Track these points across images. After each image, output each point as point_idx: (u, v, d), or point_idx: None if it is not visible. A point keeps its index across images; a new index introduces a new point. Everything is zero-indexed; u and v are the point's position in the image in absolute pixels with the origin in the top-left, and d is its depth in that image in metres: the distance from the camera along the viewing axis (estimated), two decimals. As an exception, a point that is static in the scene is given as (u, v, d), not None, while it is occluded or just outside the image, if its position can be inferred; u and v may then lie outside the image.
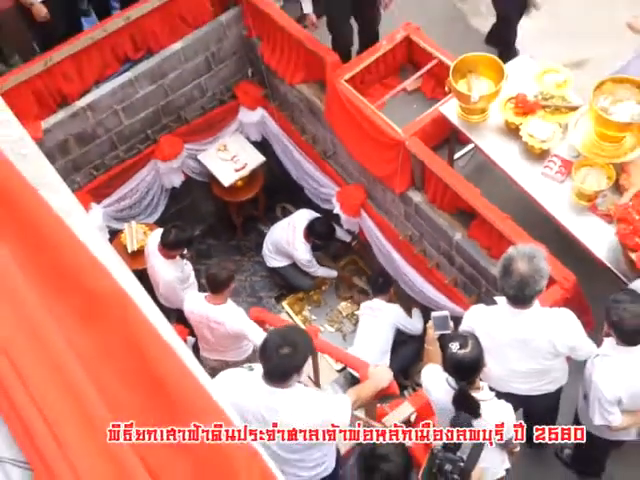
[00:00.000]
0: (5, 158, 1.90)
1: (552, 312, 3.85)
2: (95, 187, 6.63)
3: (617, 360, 3.68)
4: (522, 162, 4.85)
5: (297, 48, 6.13)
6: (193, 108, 6.90)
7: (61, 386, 1.40)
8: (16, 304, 1.31)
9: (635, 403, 3.78)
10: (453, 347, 3.41)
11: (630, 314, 3.53)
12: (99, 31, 6.15)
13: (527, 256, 3.59)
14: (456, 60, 5.03)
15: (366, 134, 5.67)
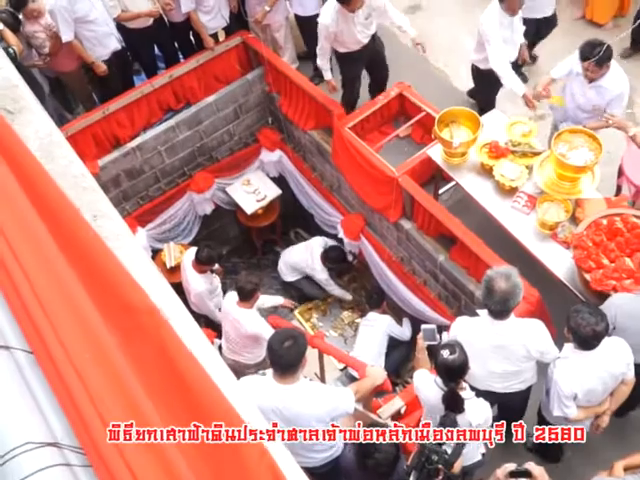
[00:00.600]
0: (62, 192, 1.89)
1: (525, 322, 3.83)
2: (141, 214, 6.65)
3: (574, 362, 3.67)
4: (495, 197, 4.85)
5: (309, 101, 6.16)
6: (223, 149, 6.92)
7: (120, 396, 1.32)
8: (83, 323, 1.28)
9: (588, 399, 3.76)
10: (444, 353, 3.41)
11: (586, 322, 3.52)
12: (148, 86, 6.22)
13: (505, 275, 3.57)
14: (440, 112, 5.05)
15: (365, 172, 5.68)
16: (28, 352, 0.95)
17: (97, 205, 2.37)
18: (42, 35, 5.87)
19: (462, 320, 3.96)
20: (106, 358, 1.06)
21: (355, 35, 5.66)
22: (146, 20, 6.18)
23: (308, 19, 6.47)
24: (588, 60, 4.66)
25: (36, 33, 5.86)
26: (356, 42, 5.76)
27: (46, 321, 0.92)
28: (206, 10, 6.18)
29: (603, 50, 4.57)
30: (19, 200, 1.19)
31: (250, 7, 6.47)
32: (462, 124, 5.02)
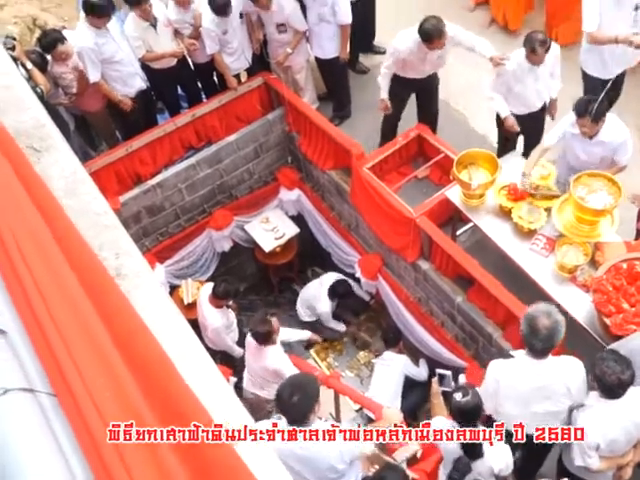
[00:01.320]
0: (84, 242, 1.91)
1: (564, 359, 3.75)
2: (160, 250, 6.70)
3: (598, 410, 3.59)
4: (513, 239, 4.84)
5: (328, 141, 6.22)
6: (242, 187, 6.99)
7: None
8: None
9: (611, 449, 3.66)
10: (457, 396, 3.39)
11: (612, 370, 3.45)
12: (170, 125, 6.32)
13: (546, 312, 3.54)
14: (459, 154, 5.07)
15: (384, 212, 5.70)
16: (52, 395, 0.97)
17: (119, 243, 2.40)
18: (70, 76, 6.00)
19: (499, 363, 3.88)
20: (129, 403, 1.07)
21: (423, 67, 5.74)
22: (170, 60, 6.30)
23: (328, 61, 6.59)
24: (584, 117, 4.57)
25: (64, 74, 5.99)
26: (420, 73, 5.81)
27: (71, 364, 0.93)
28: (230, 52, 6.31)
29: (597, 105, 4.50)
30: (47, 244, 1.21)
31: (272, 49, 6.60)
32: (481, 166, 5.04)
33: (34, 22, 7.78)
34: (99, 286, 1.36)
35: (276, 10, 6.11)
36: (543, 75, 5.35)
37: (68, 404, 0.96)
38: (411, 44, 5.46)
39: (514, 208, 4.81)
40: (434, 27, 5.23)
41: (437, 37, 5.25)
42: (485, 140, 6.50)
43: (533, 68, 5.23)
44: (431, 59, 5.62)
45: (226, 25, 6.07)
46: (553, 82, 5.46)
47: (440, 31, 5.25)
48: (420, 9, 5.86)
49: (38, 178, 1.81)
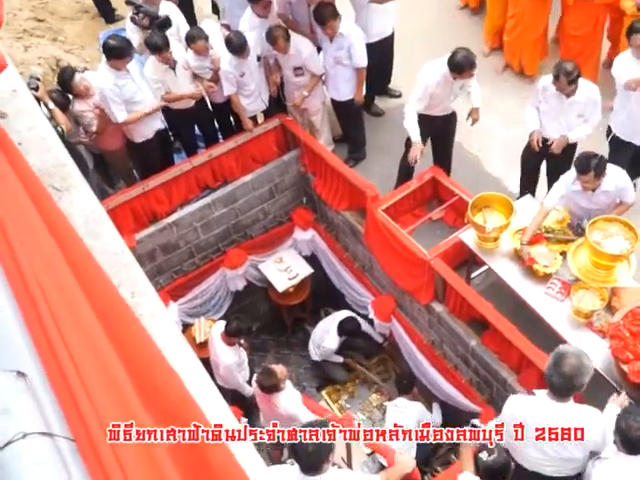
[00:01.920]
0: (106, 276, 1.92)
1: (585, 408, 3.67)
2: (174, 288, 6.71)
3: (616, 464, 3.48)
4: (528, 282, 4.82)
5: (343, 182, 6.26)
6: (257, 227, 7.02)
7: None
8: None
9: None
10: (483, 456, 3.33)
11: (638, 425, 3.35)
12: (187, 164, 6.40)
13: (576, 353, 3.50)
14: (474, 197, 5.09)
15: (398, 254, 5.70)
16: (70, 439, 0.96)
17: (135, 282, 2.43)
18: (90, 114, 6.12)
19: (517, 399, 3.82)
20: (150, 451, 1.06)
21: (447, 101, 5.83)
22: (188, 101, 6.40)
23: (344, 103, 6.68)
24: (587, 174, 4.58)
25: (84, 112, 6.11)
26: (443, 109, 5.91)
27: (90, 408, 0.93)
28: (247, 94, 6.41)
29: (599, 160, 4.55)
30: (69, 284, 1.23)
31: (289, 92, 6.70)
32: (495, 209, 5.04)
33: (57, 63, 7.96)
34: (122, 330, 1.37)
35: (293, 53, 6.22)
36: (570, 108, 5.37)
37: (86, 449, 0.96)
38: (439, 77, 5.58)
39: (529, 252, 4.80)
40: (465, 58, 5.40)
41: (468, 67, 5.44)
42: (499, 183, 6.53)
43: (561, 96, 5.29)
44: (455, 91, 5.75)
45: (244, 67, 6.18)
46: (579, 121, 5.42)
47: (471, 62, 5.44)
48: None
49: (62, 216, 1.83)
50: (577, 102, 5.29)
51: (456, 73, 5.47)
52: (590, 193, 4.82)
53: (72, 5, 9.36)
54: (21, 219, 1.35)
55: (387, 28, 6.83)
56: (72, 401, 0.96)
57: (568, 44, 7.25)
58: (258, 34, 6.23)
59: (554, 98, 5.35)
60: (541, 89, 5.45)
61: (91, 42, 8.80)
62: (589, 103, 5.31)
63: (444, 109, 5.93)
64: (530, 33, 7.36)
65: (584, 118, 5.39)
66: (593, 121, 5.42)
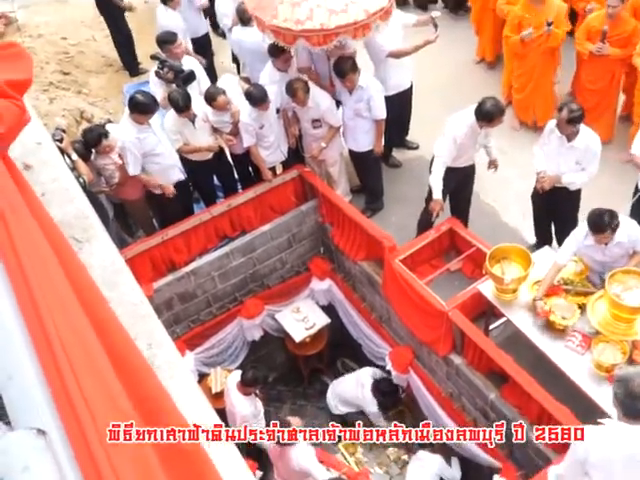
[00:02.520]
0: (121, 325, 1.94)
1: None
2: (190, 337, 6.70)
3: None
4: (547, 335, 4.77)
5: (361, 233, 6.28)
6: (274, 277, 7.04)
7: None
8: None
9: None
10: None
11: None
12: (206, 214, 6.48)
13: (638, 372, 3.42)
14: (492, 249, 5.08)
15: (416, 305, 5.67)
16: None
17: (153, 333, 2.43)
18: (112, 167, 6.24)
19: (589, 430, 3.58)
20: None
21: (472, 151, 5.90)
22: (206, 153, 6.53)
23: (362, 154, 6.76)
24: (604, 232, 4.60)
25: (107, 165, 6.23)
26: (467, 159, 5.96)
27: (110, 470, 0.93)
28: (266, 145, 6.51)
29: (612, 217, 4.56)
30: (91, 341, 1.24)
31: (307, 144, 6.79)
32: (513, 260, 5.03)
33: (81, 115, 8.17)
34: (139, 383, 1.37)
35: (312, 106, 6.33)
36: (568, 153, 5.46)
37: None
38: (466, 128, 5.64)
39: (548, 304, 4.76)
40: (495, 106, 5.46)
41: (499, 115, 5.50)
42: (517, 234, 6.52)
43: (562, 139, 5.39)
44: (480, 140, 5.83)
45: (263, 120, 6.30)
46: (576, 168, 5.52)
47: (502, 109, 5.52)
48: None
49: (83, 269, 1.86)
50: (576, 148, 5.40)
51: (486, 122, 5.52)
52: (603, 246, 4.81)
53: (97, 59, 9.65)
54: (43, 271, 1.37)
55: (405, 81, 6.96)
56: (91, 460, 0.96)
57: (584, 97, 7.30)
58: (278, 87, 6.37)
59: (556, 140, 5.48)
60: (548, 131, 5.57)
61: (115, 94, 9.04)
62: (588, 152, 5.40)
63: (468, 159, 5.98)
64: (542, 87, 7.49)
65: (582, 166, 5.48)
66: (590, 171, 5.49)
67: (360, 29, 5.68)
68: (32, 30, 9.77)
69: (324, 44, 5.73)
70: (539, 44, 7.07)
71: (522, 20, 7.06)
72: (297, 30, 5.63)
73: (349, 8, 5.59)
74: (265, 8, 5.85)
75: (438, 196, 5.78)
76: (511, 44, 7.27)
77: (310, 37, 5.66)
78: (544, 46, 7.11)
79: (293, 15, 5.63)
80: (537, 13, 7.00)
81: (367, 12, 5.63)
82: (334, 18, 5.56)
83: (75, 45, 9.66)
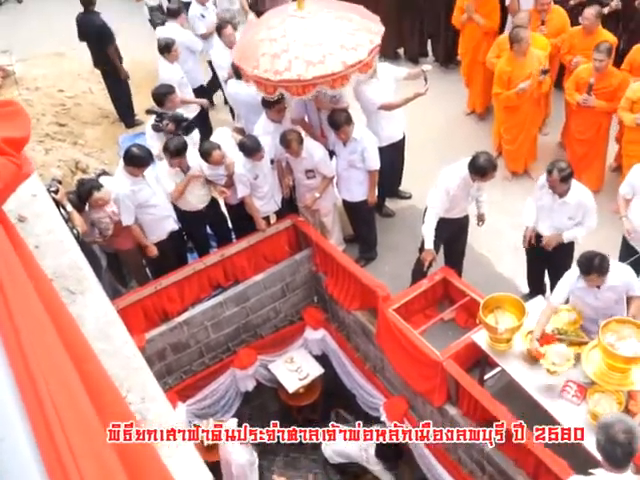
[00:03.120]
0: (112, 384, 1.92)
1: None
2: (182, 388, 6.62)
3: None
4: (543, 385, 4.74)
5: (354, 282, 6.27)
6: (268, 326, 6.99)
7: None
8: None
9: None
10: None
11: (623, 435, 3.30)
12: (199, 264, 6.47)
13: (619, 419, 3.43)
14: (485, 298, 5.08)
15: (410, 355, 5.63)
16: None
17: (145, 387, 2.41)
18: (106, 220, 6.24)
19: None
20: None
21: (464, 203, 5.97)
22: (200, 203, 6.58)
23: (356, 205, 6.81)
24: (590, 274, 4.68)
25: (101, 218, 6.23)
26: (460, 210, 6.02)
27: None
28: (260, 196, 6.56)
29: (602, 259, 4.63)
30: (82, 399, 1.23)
31: (300, 194, 6.85)
32: (507, 310, 5.03)
33: (76, 165, 8.23)
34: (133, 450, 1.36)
35: (306, 157, 6.41)
36: (561, 209, 5.54)
37: None
38: (459, 180, 5.71)
39: (542, 353, 4.74)
40: (488, 161, 5.55)
41: (491, 170, 5.58)
42: (510, 284, 6.54)
43: (554, 195, 5.47)
44: (473, 193, 5.90)
45: (257, 170, 6.37)
46: (570, 223, 5.58)
47: (494, 165, 5.60)
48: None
49: (74, 324, 1.86)
50: (568, 204, 5.48)
51: (479, 176, 5.61)
52: (596, 290, 4.85)
53: (94, 111, 9.78)
54: (36, 331, 1.37)
55: (397, 133, 7.07)
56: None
57: (573, 147, 7.47)
58: (272, 138, 6.46)
59: (548, 196, 5.56)
60: (539, 186, 5.65)
61: (110, 145, 9.14)
62: (580, 207, 5.49)
63: (461, 211, 6.06)
64: (532, 136, 7.63)
65: (575, 221, 5.56)
66: (588, 225, 5.57)
67: (338, 80, 5.83)
68: (29, 83, 9.92)
69: (303, 94, 5.90)
70: (531, 93, 7.22)
71: (511, 75, 7.21)
72: (276, 80, 5.80)
73: (326, 60, 5.74)
74: (248, 59, 6.04)
75: (430, 246, 5.83)
76: (504, 99, 7.39)
77: (289, 87, 5.84)
78: (536, 94, 7.27)
79: (273, 66, 5.81)
80: (521, 66, 7.18)
81: (345, 64, 5.78)
82: (311, 69, 5.71)
83: (72, 97, 9.80)
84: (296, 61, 5.75)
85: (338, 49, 5.82)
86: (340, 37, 5.90)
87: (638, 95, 6.48)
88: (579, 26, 7.44)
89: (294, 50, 5.79)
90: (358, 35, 6.01)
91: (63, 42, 11.05)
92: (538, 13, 7.77)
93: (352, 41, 5.92)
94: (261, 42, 6.02)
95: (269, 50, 5.89)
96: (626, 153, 7.04)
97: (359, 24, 6.15)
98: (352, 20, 6.15)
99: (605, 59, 6.67)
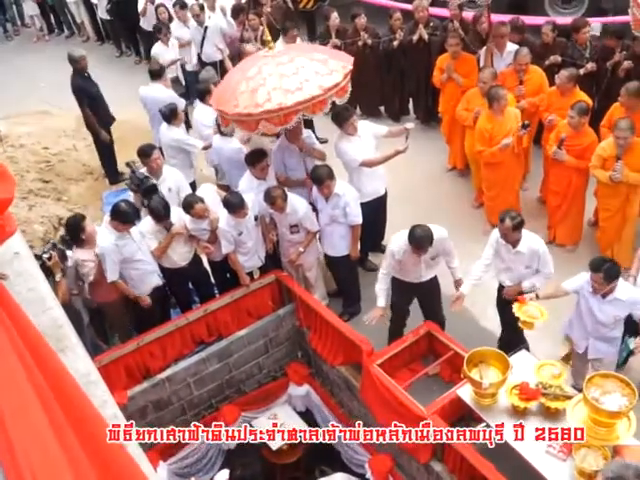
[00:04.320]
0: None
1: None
2: (164, 446, 6.46)
3: None
4: (528, 440, 4.67)
5: (338, 337, 6.23)
6: (251, 382, 6.89)
7: None
8: None
9: None
10: None
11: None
12: (182, 320, 6.41)
13: (625, 465, 3.43)
14: (469, 353, 5.07)
15: (394, 410, 5.56)
16: None
17: (127, 448, 2.36)
18: (90, 264, 6.21)
19: None
20: None
21: (417, 269, 5.98)
22: (183, 260, 6.59)
23: (339, 259, 6.83)
24: (597, 273, 4.96)
25: (85, 262, 6.20)
26: (416, 276, 6.05)
27: None
28: (244, 251, 6.57)
29: (611, 265, 4.94)
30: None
31: (284, 249, 6.88)
32: (491, 365, 5.01)
33: (59, 222, 8.20)
34: None
35: (290, 212, 6.45)
36: (516, 259, 5.68)
37: None
38: (404, 246, 5.75)
39: (527, 408, 4.71)
40: (424, 235, 5.60)
41: (426, 244, 5.61)
42: (494, 338, 6.53)
43: (508, 246, 5.63)
44: (425, 261, 5.90)
45: (241, 227, 6.39)
46: (528, 272, 5.73)
47: (429, 239, 5.61)
48: (426, 212, 6.17)
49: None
50: (522, 253, 5.64)
51: (414, 248, 5.65)
52: (601, 299, 5.10)
53: (78, 167, 9.82)
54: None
55: (379, 189, 7.16)
56: None
57: (550, 198, 7.65)
58: (256, 195, 6.50)
59: (503, 248, 5.72)
60: (494, 240, 5.79)
61: (93, 202, 9.15)
62: (534, 255, 5.64)
63: (418, 277, 6.09)
64: (513, 190, 7.76)
65: (533, 269, 5.71)
66: (546, 272, 5.71)
67: (318, 104, 5.94)
68: (14, 140, 9.96)
69: (285, 123, 5.95)
70: (512, 149, 7.38)
71: (491, 132, 7.37)
72: (257, 113, 5.84)
73: (304, 86, 5.84)
74: (228, 101, 6.09)
75: (380, 304, 6.05)
76: (487, 156, 7.52)
77: (271, 118, 5.88)
78: (517, 149, 7.43)
79: (252, 100, 5.87)
80: (501, 123, 7.35)
81: (322, 87, 5.89)
82: (290, 96, 5.80)
83: (56, 154, 9.85)
84: (274, 92, 5.83)
85: (314, 75, 5.93)
86: (313, 65, 6.03)
87: (609, 152, 6.66)
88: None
89: (271, 82, 5.88)
90: (330, 62, 6.17)
91: (47, 100, 11.20)
92: (516, 73, 7.99)
93: (326, 68, 6.06)
94: (237, 84, 6.11)
95: (246, 88, 5.97)
96: (602, 207, 7.20)
97: (329, 54, 6.42)
98: (322, 51, 6.44)
99: (576, 116, 6.86)
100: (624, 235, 7.12)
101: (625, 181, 6.59)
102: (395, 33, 9.56)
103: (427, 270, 6.05)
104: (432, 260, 5.96)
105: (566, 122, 7.06)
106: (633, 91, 6.91)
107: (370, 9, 11.10)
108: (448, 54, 8.58)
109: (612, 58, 7.96)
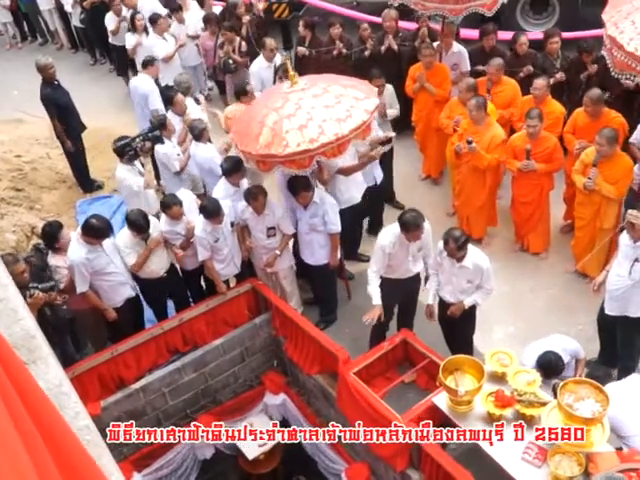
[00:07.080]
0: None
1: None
2: (138, 457, 6.36)
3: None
4: (503, 447, 4.68)
5: (314, 346, 6.21)
6: (227, 391, 6.83)
7: None
8: None
9: None
10: None
11: None
12: (157, 329, 6.35)
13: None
14: (445, 360, 5.06)
15: (370, 417, 5.55)
16: None
17: (100, 459, 2.32)
18: (64, 271, 6.14)
19: None
20: None
21: (405, 262, 6.02)
22: (159, 270, 6.54)
23: (318, 268, 6.81)
24: (549, 377, 5.17)
25: (59, 268, 6.13)
26: (405, 271, 6.09)
27: None
28: (220, 259, 6.53)
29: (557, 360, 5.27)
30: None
31: (258, 256, 6.83)
32: (467, 372, 5.00)
33: (32, 230, 8.08)
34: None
35: (268, 214, 6.45)
36: (460, 272, 5.78)
37: None
38: (393, 238, 5.83)
39: (502, 415, 4.71)
40: (413, 218, 5.66)
41: (414, 228, 5.66)
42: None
43: (452, 260, 5.71)
44: (413, 251, 5.96)
45: (218, 234, 6.36)
46: (470, 287, 5.84)
47: (416, 223, 5.67)
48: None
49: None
50: (466, 268, 5.73)
51: (404, 232, 5.73)
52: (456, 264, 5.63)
53: (51, 175, 9.69)
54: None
55: (356, 196, 7.16)
56: None
57: (518, 210, 7.70)
58: (232, 201, 6.48)
59: (447, 261, 5.80)
60: (438, 252, 5.88)
61: (67, 210, 9.04)
62: (477, 271, 5.73)
63: (406, 271, 6.13)
64: (473, 200, 7.80)
65: (475, 284, 5.81)
66: (487, 288, 5.84)
67: (366, 129, 5.87)
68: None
69: (339, 154, 5.80)
70: (467, 160, 7.44)
71: (471, 135, 7.40)
72: (314, 148, 5.55)
73: (352, 112, 5.71)
74: (271, 144, 5.67)
75: (377, 302, 6.02)
76: (450, 150, 7.64)
77: (326, 152, 5.65)
78: (470, 163, 7.46)
79: (305, 137, 5.55)
80: (478, 132, 7.39)
81: (368, 111, 5.80)
82: (344, 125, 5.63)
83: (29, 162, 9.72)
84: (326, 124, 5.59)
85: (355, 101, 5.81)
86: (349, 92, 5.89)
87: (590, 158, 6.71)
88: (529, 95, 7.74)
89: (318, 115, 5.63)
90: (359, 87, 6.12)
91: (21, 107, 11.06)
92: (488, 82, 8.10)
93: (360, 92, 5.96)
94: (276, 123, 5.71)
95: (291, 125, 5.63)
96: (576, 215, 7.25)
97: (350, 81, 6.28)
98: (344, 79, 6.30)
99: (537, 124, 6.96)
100: (597, 246, 6.95)
101: (598, 190, 6.65)
102: (366, 43, 9.59)
103: (414, 263, 6.13)
104: (418, 252, 6.06)
105: (523, 133, 7.23)
106: (595, 98, 7.03)
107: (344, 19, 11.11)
108: (420, 64, 8.62)
109: (585, 70, 8.07)
